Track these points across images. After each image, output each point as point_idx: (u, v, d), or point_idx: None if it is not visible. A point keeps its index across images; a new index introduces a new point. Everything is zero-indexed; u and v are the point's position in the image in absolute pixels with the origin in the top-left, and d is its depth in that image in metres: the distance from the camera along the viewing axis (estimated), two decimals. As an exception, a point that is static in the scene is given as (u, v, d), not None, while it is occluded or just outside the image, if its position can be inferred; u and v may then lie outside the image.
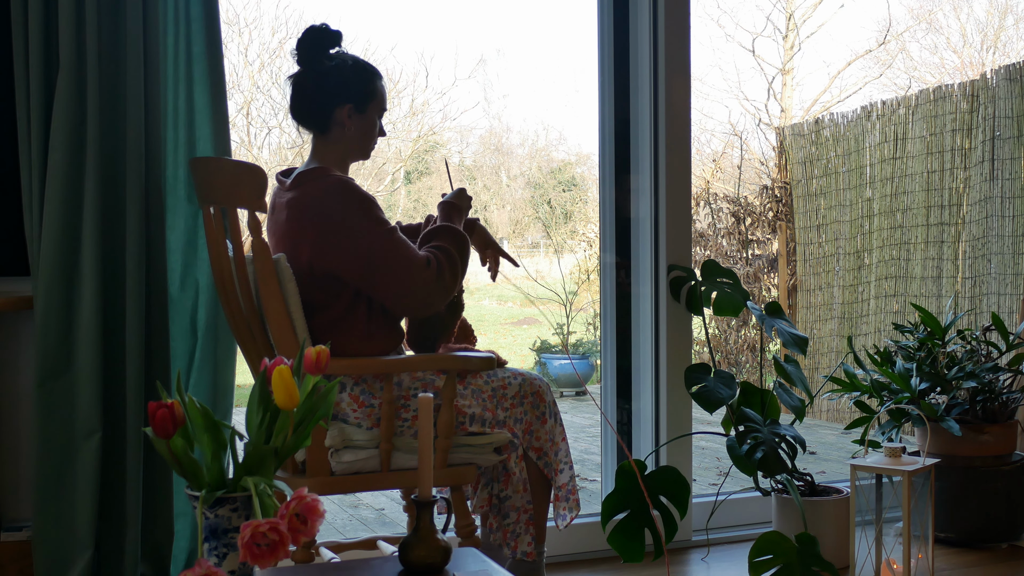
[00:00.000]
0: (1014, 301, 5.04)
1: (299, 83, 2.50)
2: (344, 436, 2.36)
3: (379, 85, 2.54)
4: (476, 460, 2.46)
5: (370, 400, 2.40)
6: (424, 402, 1.76)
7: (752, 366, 7.65)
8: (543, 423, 2.58)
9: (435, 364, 2.40)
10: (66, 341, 2.55)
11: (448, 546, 1.75)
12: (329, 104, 2.48)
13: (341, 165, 2.52)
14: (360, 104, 2.50)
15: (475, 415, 2.47)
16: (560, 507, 2.59)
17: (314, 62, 2.48)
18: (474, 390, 2.49)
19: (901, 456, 2.83)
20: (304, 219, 2.38)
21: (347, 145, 2.51)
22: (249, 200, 2.27)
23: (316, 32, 2.50)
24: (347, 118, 2.49)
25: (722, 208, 8.01)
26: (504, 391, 2.53)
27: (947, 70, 11.90)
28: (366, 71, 2.52)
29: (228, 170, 2.37)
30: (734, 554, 3.22)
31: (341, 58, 2.50)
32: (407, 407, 2.42)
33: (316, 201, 2.37)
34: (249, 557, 1.47)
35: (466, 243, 2.49)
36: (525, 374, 2.60)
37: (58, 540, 2.54)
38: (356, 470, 2.37)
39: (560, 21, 14.81)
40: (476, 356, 2.40)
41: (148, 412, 1.56)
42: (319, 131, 2.51)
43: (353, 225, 2.35)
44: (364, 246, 2.35)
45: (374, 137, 2.56)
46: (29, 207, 2.56)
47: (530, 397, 2.57)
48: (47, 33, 2.54)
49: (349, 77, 2.48)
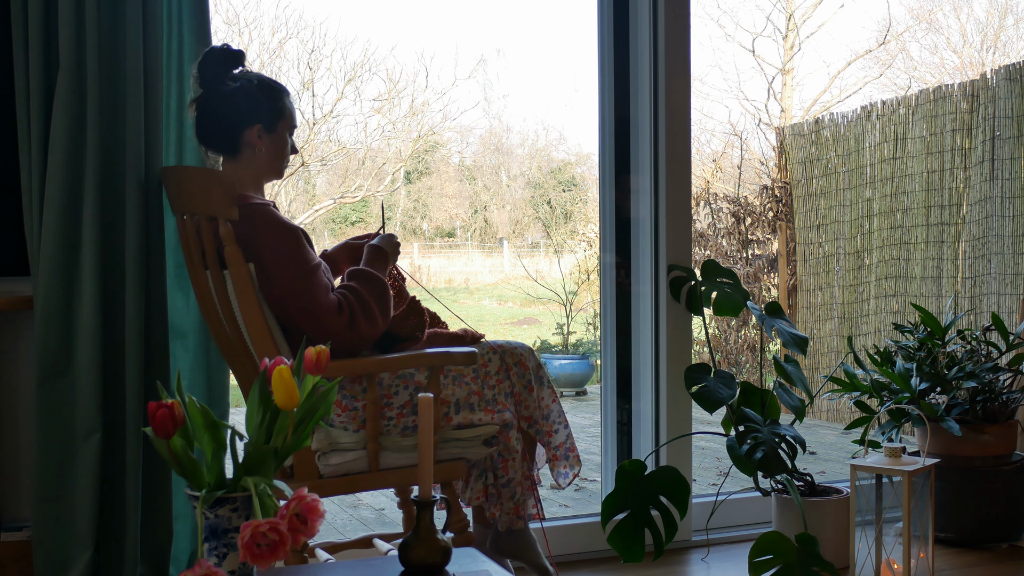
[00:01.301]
0: (1014, 301, 5.05)
1: (204, 106, 2.45)
2: (330, 439, 2.35)
3: (287, 102, 2.50)
4: (465, 454, 2.45)
5: (353, 403, 2.40)
6: (424, 402, 1.76)
7: (752, 366, 7.65)
8: (530, 391, 2.59)
9: (417, 362, 2.38)
10: (66, 341, 2.55)
11: (448, 546, 1.75)
12: (237, 126, 2.44)
13: (256, 187, 2.49)
14: (269, 124, 2.46)
15: (460, 401, 2.46)
16: (560, 465, 2.60)
17: (218, 84, 2.43)
18: (455, 376, 2.49)
19: (901, 456, 2.83)
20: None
21: (259, 166, 2.48)
22: (219, 208, 2.26)
23: (218, 53, 2.45)
24: (257, 139, 2.45)
25: (722, 208, 8.01)
26: (486, 369, 2.53)
27: (947, 70, 11.90)
28: (273, 89, 2.48)
29: (198, 178, 2.36)
30: (734, 554, 3.22)
31: (246, 77, 2.46)
32: (390, 405, 2.42)
33: (242, 233, 2.33)
34: (249, 557, 1.47)
35: (384, 290, 2.43)
36: (504, 344, 2.60)
37: (58, 540, 2.54)
38: (344, 472, 2.37)
39: (560, 21, 14.81)
40: (459, 352, 2.39)
41: (148, 412, 1.56)
42: (229, 154, 2.47)
43: (271, 264, 2.32)
44: (279, 287, 2.33)
45: (286, 155, 2.52)
46: (29, 207, 2.56)
47: (514, 368, 2.57)
48: (47, 33, 2.54)
49: (256, 96, 2.44)
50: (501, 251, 13.97)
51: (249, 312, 2.28)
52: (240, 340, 2.38)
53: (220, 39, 10.27)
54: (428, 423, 1.75)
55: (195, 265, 2.40)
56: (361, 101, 11.33)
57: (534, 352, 2.66)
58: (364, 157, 11.86)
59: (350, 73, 11.07)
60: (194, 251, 2.39)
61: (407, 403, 2.44)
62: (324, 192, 12.36)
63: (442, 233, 14.02)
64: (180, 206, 2.41)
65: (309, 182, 12.39)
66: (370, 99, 11.43)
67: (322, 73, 10.88)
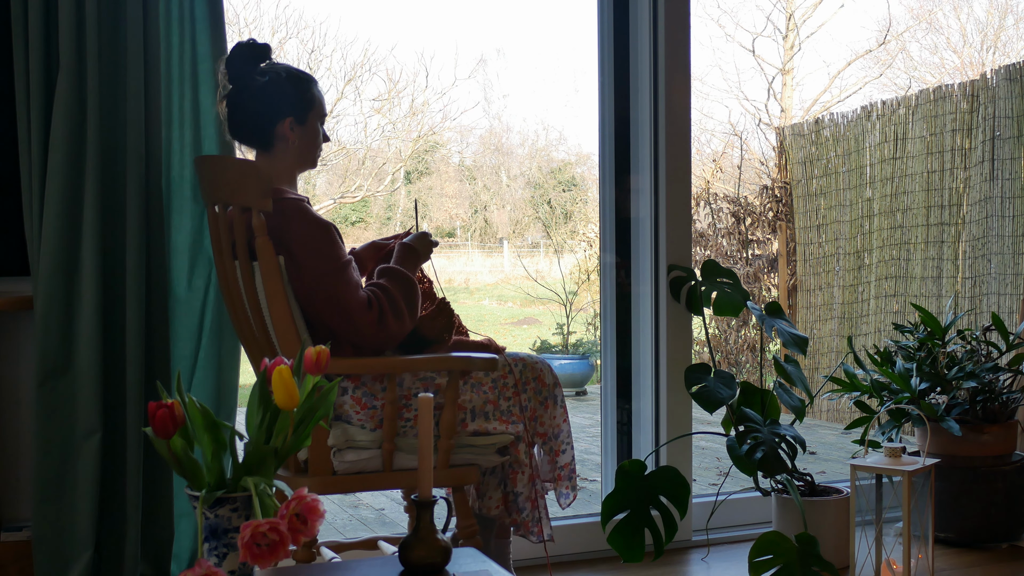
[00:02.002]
0: (1014, 301, 5.05)
1: (235, 102, 2.45)
2: (347, 436, 2.36)
3: (316, 91, 2.51)
4: (478, 461, 2.46)
5: (372, 402, 2.40)
6: (424, 402, 1.76)
7: (752, 366, 7.65)
8: (546, 408, 2.59)
9: (438, 365, 2.39)
10: (66, 341, 2.55)
11: (448, 546, 1.75)
12: (269, 120, 2.45)
13: (290, 179, 2.49)
14: (300, 115, 2.47)
15: (476, 408, 2.46)
16: (563, 486, 2.61)
17: (247, 79, 2.44)
18: (473, 384, 2.49)
19: (901, 456, 2.83)
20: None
21: (293, 158, 2.48)
22: (254, 199, 2.26)
23: (245, 48, 2.45)
24: (289, 131, 2.46)
25: (722, 208, 8.01)
26: (504, 380, 2.53)
27: (947, 70, 11.91)
28: (301, 80, 2.48)
29: (234, 168, 2.37)
30: (734, 554, 3.22)
31: (274, 70, 2.46)
32: (409, 407, 2.42)
33: (273, 226, 2.33)
34: (249, 557, 1.47)
35: (414, 289, 2.43)
36: (525, 358, 2.60)
37: (58, 540, 2.54)
38: (359, 470, 2.37)
39: (560, 21, 14.82)
40: (479, 357, 2.40)
41: (148, 412, 1.56)
42: (262, 148, 2.48)
43: (302, 258, 2.33)
44: (309, 282, 2.33)
45: (319, 145, 2.53)
46: (29, 207, 2.56)
47: (532, 383, 2.57)
48: (47, 33, 2.54)
49: (285, 89, 2.45)
50: (501, 251, 13.97)
51: (276, 305, 2.28)
52: (264, 333, 2.38)
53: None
54: (428, 423, 1.75)
55: (224, 255, 2.40)
56: (361, 101, 11.34)
57: (553, 370, 2.66)
58: (364, 157, 11.87)
59: (350, 73, 11.08)
60: (224, 242, 2.39)
61: None
62: (324, 192, 12.37)
63: (442, 233, 14.02)
64: (214, 196, 2.40)
65: (309, 182, 12.40)
66: (370, 99, 11.44)
67: (322, 73, 10.89)
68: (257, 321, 2.38)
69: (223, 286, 2.42)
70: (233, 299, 2.41)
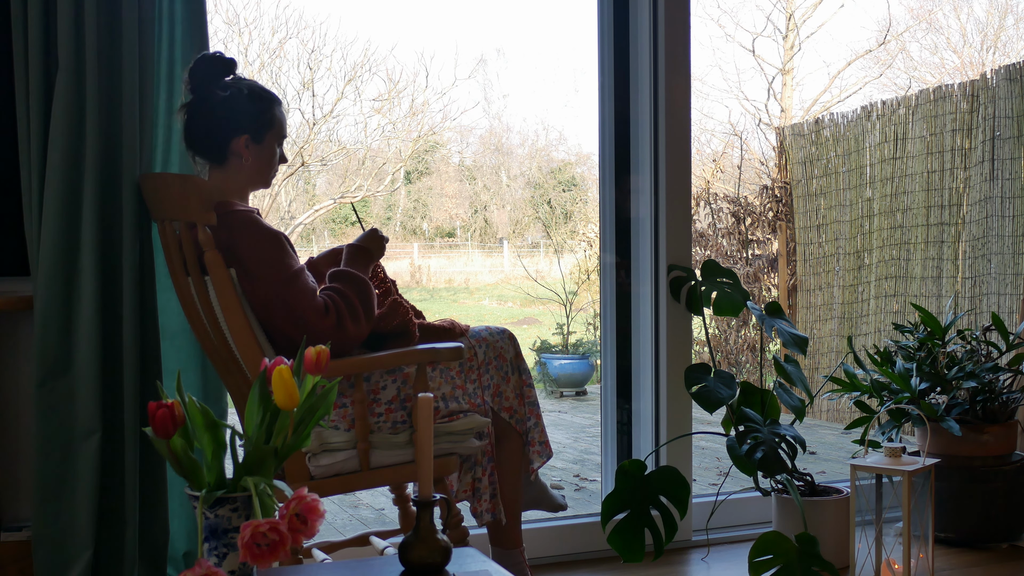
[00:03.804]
0: (1014, 301, 5.05)
1: (192, 113, 2.44)
2: (321, 439, 2.35)
3: (277, 112, 2.48)
4: (456, 449, 2.45)
5: (342, 401, 2.40)
6: (423, 402, 1.76)
7: (752, 366, 7.66)
8: (508, 381, 2.61)
9: (404, 359, 2.37)
10: (66, 341, 2.54)
11: (448, 546, 1.75)
12: (224, 135, 2.42)
13: (241, 196, 2.48)
14: (257, 134, 2.45)
15: (446, 395, 2.47)
16: (531, 452, 2.65)
17: (208, 91, 2.42)
18: (442, 370, 2.50)
19: (901, 456, 2.83)
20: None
21: (246, 176, 2.46)
22: (197, 214, 2.26)
23: (209, 59, 2.43)
24: (244, 148, 2.44)
25: (722, 208, 8.01)
26: (471, 363, 2.55)
27: (947, 70, 11.91)
28: (263, 99, 2.46)
29: (175, 185, 2.35)
30: (734, 554, 3.22)
31: (236, 86, 2.44)
32: (378, 401, 2.42)
33: (222, 239, 2.32)
34: (249, 557, 1.47)
35: (367, 289, 2.41)
36: (487, 337, 2.62)
37: (58, 540, 2.54)
38: (336, 472, 2.36)
39: (560, 21, 14.82)
40: (445, 348, 2.38)
41: (148, 412, 1.56)
42: (215, 162, 2.46)
43: (254, 269, 2.31)
44: (263, 292, 2.32)
45: (274, 166, 2.51)
46: (29, 207, 2.56)
47: (494, 361, 2.59)
48: (47, 34, 2.54)
49: (244, 106, 2.42)
50: (501, 251, 13.98)
51: (232, 317, 2.28)
52: (225, 345, 2.38)
53: (220, 39, 10.15)
54: (428, 423, 1.75)
55: (177, 272, 2.40)
56: (361, 101, 11.34)
57: (514, 339, 2.67)
58: (364, 157, 11.87)
59: (350, 73, 11.08)
60: (175, 258, 2.39)
61: (395, 398, 2.43)
62: (324, 192, 12.38)
63: (442, 233, 14.03)
64: (159, 213, 2.41)
65: (309, 182, 12.40)
66: (370, 99, 11.44)
67: (322, 73, 10.89)
68: (216, 334, 2.37)
69: (182, 301, 2.43)
70: (191, 314, 2.42)
